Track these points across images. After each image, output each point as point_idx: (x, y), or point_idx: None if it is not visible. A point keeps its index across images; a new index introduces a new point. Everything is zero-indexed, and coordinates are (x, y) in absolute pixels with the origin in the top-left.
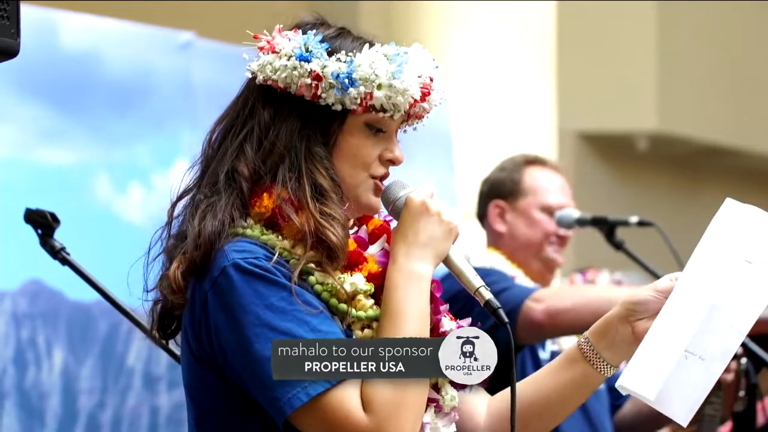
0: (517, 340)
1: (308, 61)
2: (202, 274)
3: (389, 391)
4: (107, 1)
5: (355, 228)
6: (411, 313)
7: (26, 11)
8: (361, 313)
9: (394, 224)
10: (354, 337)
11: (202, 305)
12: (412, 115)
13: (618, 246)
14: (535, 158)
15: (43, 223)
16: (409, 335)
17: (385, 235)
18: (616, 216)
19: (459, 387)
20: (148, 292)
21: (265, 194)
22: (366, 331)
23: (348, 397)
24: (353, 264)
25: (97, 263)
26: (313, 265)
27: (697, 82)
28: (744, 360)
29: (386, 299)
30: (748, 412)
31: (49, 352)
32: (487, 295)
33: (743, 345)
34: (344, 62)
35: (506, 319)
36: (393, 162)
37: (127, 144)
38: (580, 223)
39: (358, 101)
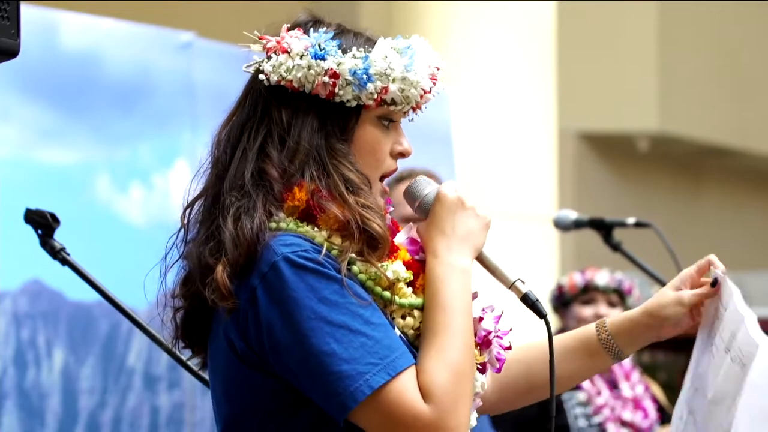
0: None
1: (323, 59)
2: (247, 272)
3: (448, 380)
4: (107, 1)
5: None
6: (458, 307)
7: (26, 11)
8: (404, 301)
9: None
10: (395, 324)
11: (250, 302)
12: (415, 106)
13: (615, 247)
14: (410, 173)
15: (43, 223)
16: (458, 328)
17: (411, 224)
18: (613, 217)
19: (482, 371)
20: (173, 297)
21: (296, 188)
22: (408, 319)
23: (409, 388)
24: (389, 252)
25: (97, 263)
26: (354, 255)
27: (698, 83)
28: None
29: (432, 292)
30: None
31: (49, 352)
32: (524, 288)
33: None
34: (359, 58)
35: (545, 312)
36: (403, 154)
37: (128, 144)
38: (578, 224)
39: (374, 96)
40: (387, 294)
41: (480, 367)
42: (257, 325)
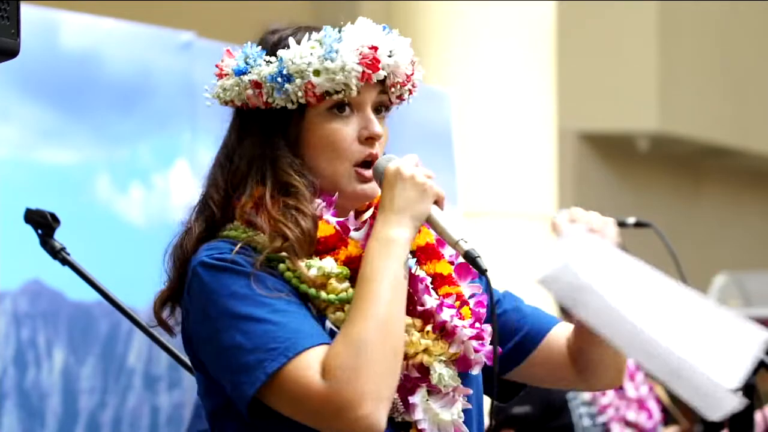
0: None
1: (245, 72)
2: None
3: (344, 353)
4: (107, 1)
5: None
6: (382, 278)
7: (26, 11)
8: (332, 297)
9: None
10: (327, 320)
11: (184, 311)
12: (389, 86)
13: None
14: None
15: (43, 223)
16: (371, 297)
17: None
18: (613, 217)
19: (462, 368)
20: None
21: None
22: (338, 313)
23: (308, 366)
24: (330, 248)
25: (97, 263)
26: (285, 254)
27: (697, 82)
28: None
29: (361, 267)
30: (745, 413)
31: (49, 352)
32: (466, 246)
33: None
34: (274, 63)
35: (485, 268)
36: (372, 138)
37: (128, 144)
38: None
39: (302, 93)
40: (312, 291)
41: (455, 361)
42: (187, 329)
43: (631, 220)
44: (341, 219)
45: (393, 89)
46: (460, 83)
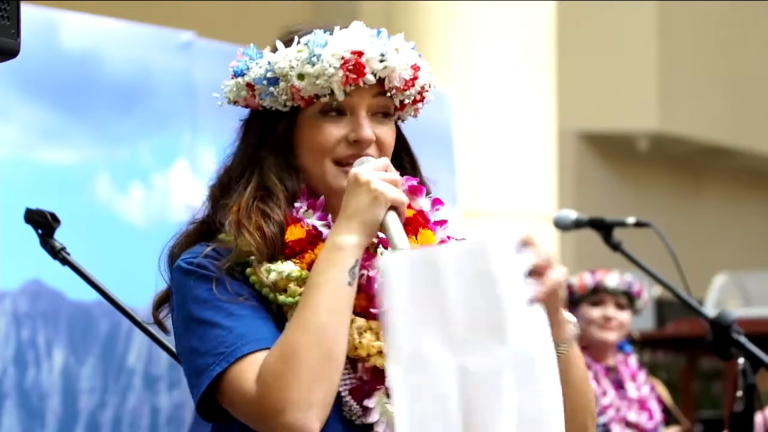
0: None
1: (243, 74)
2: None
3: (274, 360)
4: (107, 1)
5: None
6: (323, 285)
7: (26, 11)
8: (288, 299)
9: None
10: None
11: (170, 312)
12: (388, 90)
13: (615, 247)
14: None
15: (43, 223)
16: (318, 306)
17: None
18: (613, 217)
19: None
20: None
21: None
22: None
23: (244, 371)
24: (298, 252)
25: (97, 263)
26: (253, 257)
27: (697, 82)
28: (741, 360)
29: (311, 273)
30: (745, 413)
31: (49, 352)
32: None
33: (741, 345)
34: (263, 65)
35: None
36: (358, 142)
37: (128, 144)
38: (578, 224)
39: (288, 96)
40: (270, 294)
41: None
42: (174, 329)
43: (631, 220)
44: (323, 222)
45: (395, 94)
46: (460, 84)
